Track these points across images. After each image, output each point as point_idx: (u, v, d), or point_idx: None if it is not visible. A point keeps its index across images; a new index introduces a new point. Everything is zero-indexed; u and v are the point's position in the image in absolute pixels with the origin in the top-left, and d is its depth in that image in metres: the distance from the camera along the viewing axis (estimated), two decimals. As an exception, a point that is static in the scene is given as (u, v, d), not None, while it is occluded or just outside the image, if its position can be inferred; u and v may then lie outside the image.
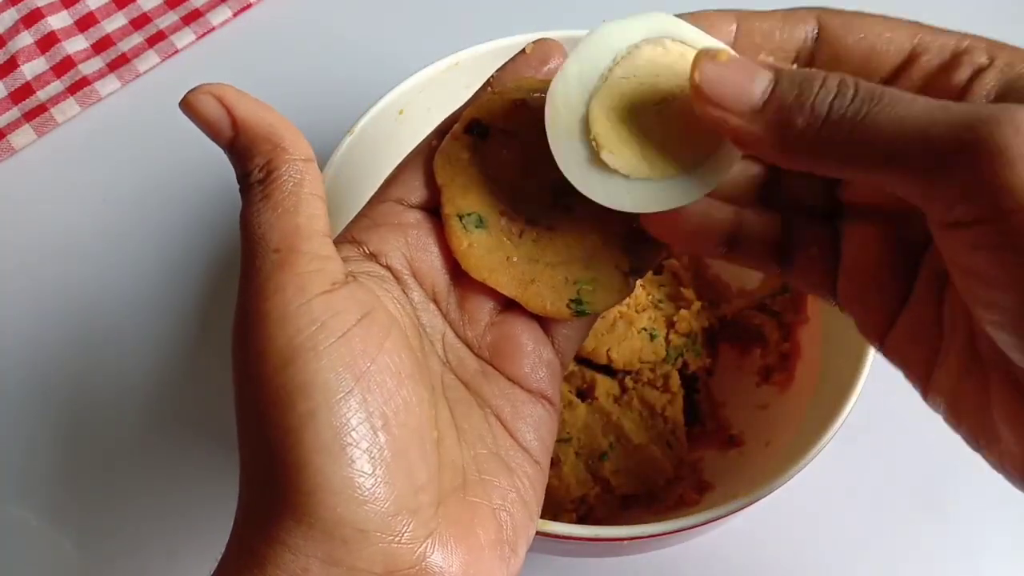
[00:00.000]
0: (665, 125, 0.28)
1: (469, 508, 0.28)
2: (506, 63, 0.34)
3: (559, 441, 0.48)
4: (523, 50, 0.34)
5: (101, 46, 0.67)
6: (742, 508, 0.39)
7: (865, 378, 0.41)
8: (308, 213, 0.28)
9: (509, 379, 0.32)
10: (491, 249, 0.31)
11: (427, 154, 0.32)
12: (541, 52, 0.33)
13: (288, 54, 0.67)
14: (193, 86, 0.28)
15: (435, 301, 0.31)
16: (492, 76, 0.33)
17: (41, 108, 0.63)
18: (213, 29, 0.67)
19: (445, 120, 0.33)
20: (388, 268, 0.30)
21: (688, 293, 0.53)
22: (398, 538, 0.26)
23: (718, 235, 0.30)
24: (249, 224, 0.28)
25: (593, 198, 0.28)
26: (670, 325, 0.52)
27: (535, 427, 0.31)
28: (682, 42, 0.28)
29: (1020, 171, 0.21)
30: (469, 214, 0.31)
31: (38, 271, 0.59)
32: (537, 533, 0.38)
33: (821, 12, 0.27)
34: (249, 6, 0.68)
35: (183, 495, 0.50)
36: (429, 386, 0.29)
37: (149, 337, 0.56)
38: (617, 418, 0.50)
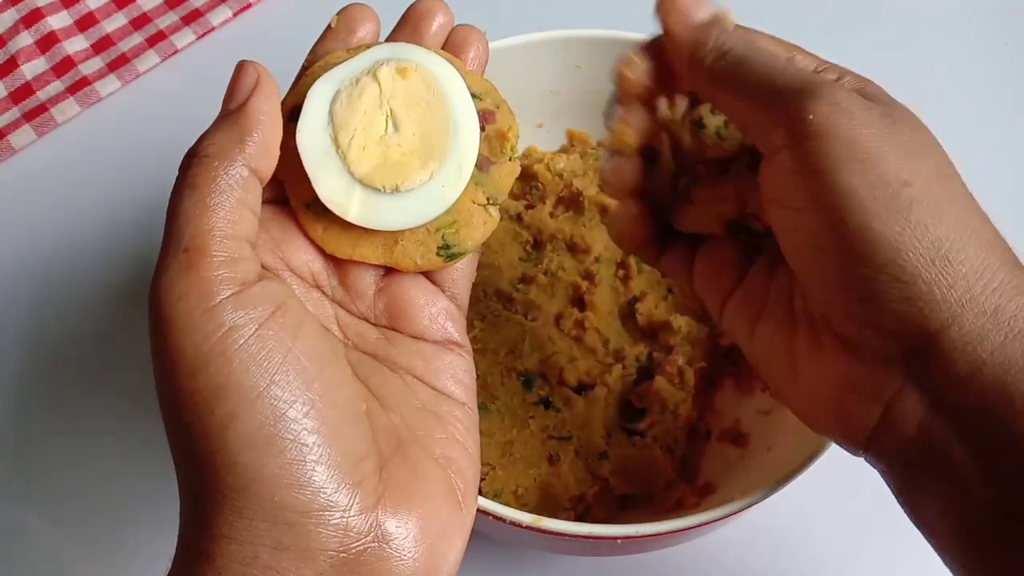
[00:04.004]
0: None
1: (412, 466, 0.29)
2: (315, 43, 0.34)
3: (559, 439, 0.48)
4: (328, 25, 0.34)
5: (101, 46, 0.67)
6: (740, 511, 0.39)
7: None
8: (230, 217, 0.27)
9: (412, 337, 0.32)
10: (346, 226, 0.31)
11: None
12: (347, 23, 0.34)
13: (288, 54, 0.67)
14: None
15: (318, 287, 0.32)
16: (306, 60, 0.34)
17: (41, 108, 0.63)
18: (213, 29, 0.67)
19: None
20: (262, 266, 0.30)
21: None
22: (347, 512, 0.26)
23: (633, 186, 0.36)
24: (170, 211, 0.28)
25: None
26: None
27: (451, 373, 0.32)
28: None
29: (818, 112, 0.29)
30: (315, 200, 0.31)
31: (38, 271, 0.59)
32: (534, 529, 0.38)
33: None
34: (249, 6, 0.68)
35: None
36: (346, 364, 0.30)
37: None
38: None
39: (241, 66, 0.30)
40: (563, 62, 0.52)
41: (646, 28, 0.51)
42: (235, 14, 0.68)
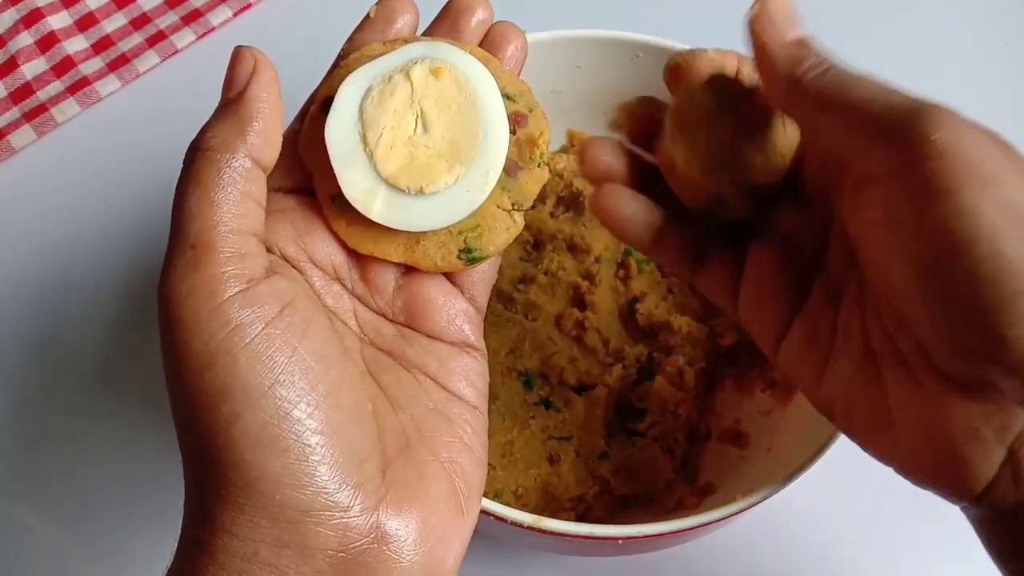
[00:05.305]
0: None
1: (417, 467, 0.29)
2: (353, 32, 0.34)
3: (559, 439, 0.48)
4: (367, 15, 0.34)
5: (101, 46, 0.67)
6: (740, 512, 0.39)
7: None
8: (235, 211, 0.27)
9: (428, 336, 0.32)
10: (370, 222, 0.31)
11: (292, 138, 0.32)
12: (386, 13, 0.33)
13: (288, 54, 0.67)
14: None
15: (339, 280, 0.32)
16: (342, 49, 0.34)
17: (41, 108, 0.63)
18: (213, 29, 0.67)
19: (306, 102, 0.33)
20: (283, 257, 0.30)
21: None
22: (347, 512, 0.26)
23: (647, 231, 0.35)
24: (176, 207, 0.28)
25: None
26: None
27: (465, 375, 0.32)
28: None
29: (943, 133, 0.27)
30: (340, 194, 0.31)
31: (38, 271, 0.59)
32: (535, 529, 0.38)
33: None
34: (249, 6, 0.68)
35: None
36: (356, 363, 0.30)
37: (151, 336, 0.56)
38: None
39: (237, 52, 0.29)
40: (563, 62, 0.52)
41: (646, 28, 0.51)
42: (235, 14, 0.68)
